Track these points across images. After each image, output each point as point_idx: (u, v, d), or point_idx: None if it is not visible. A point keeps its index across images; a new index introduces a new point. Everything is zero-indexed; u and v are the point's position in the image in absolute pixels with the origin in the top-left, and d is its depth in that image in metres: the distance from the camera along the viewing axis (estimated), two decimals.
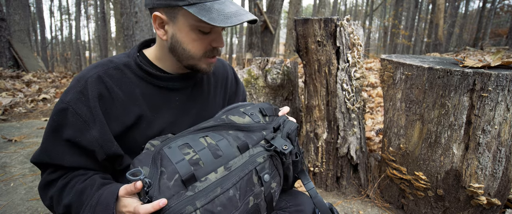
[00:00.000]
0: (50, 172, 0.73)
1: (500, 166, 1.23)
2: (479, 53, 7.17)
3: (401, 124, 1.46)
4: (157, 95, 0.81)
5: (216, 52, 0.81)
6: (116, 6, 13.01)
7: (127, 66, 0.79)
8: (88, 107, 0.71)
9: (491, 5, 15.22)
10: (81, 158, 0.73)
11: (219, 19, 0.69)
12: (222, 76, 1.01)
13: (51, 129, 0.72)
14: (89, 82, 0.73)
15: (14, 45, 6.46)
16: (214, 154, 0.66)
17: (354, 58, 1.60)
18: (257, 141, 0.74)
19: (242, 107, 0.85)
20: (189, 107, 0.88)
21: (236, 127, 0.76)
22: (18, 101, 4.00)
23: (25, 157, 2.22)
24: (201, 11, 0.69)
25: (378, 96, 3.68)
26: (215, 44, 0.78)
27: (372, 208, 1.59)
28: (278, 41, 24.99)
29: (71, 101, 0.71)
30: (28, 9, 8.73)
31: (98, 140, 0.71)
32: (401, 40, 16.83)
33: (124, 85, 0.77)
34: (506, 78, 1.13)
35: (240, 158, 0.69)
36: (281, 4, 7.53)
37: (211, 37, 0.77)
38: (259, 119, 0.81)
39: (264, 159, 0.71)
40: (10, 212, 1.51)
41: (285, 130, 0.81)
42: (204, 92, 0.92)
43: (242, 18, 0.71)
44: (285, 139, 0.78)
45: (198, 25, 0.72)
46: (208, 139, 0.69)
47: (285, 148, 0.73)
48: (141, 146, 0.80)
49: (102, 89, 0.74)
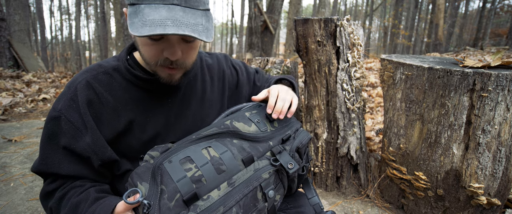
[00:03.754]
0: (49, 182, 0.72)
1: (500, 166, 1.23)
2: (479, 53, 7.17)
3: (401, 124, 1.46)
4: (147, 99, 0.79)
5: (171, 63, 0.70)
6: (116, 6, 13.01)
7: (116, 70, 0.77)
8: (79, 114, 0.70)
9: (491, 5, 15.22)
10: (77, 166, 0.72)
11: (136, 26, 0.60)
12: (217, 70, 0.97)
13: (46, 137, 0.71)
14: (78, 88, 0.72)
15: (14, 45, 6.45)
16: (217, 169, 0.62)
17: (354, 58, 1.60)
18: (263, 153, 0.70)
19: (247, 110, 0.80)
20: (183, 108, 0.85)
21: (241, 135, 0.71)
22: (18, 101, 4.00)
23: (25, 157, 2.22)
24: (131, 14, 0.62)
25: (378, 96, 3.68)
26: (166, 54, 0.68)
27: (372, 208, 1.59)
28: (278, 41, 24.98)
29: (63, 109, 0.70)
30: (28, 9, 8.73)
31: (91, 146, 0.70)
32: (401, 40, 16.82)
33: (113, 90, 0.75)
34: (506, 78, 1.13)
35: (245, 172, 0.65)
36: (281, 4, 7.53)
37: (162, 46, 0.67)
38: (266, 127, 0.76)
39: (269, 174, 0.67)
40: (10, 212, 1.51)
41: (295, 143, 0.75)
42: (197, 91, 0.89)
43: (157, 30, 0.58)
44: (294, 153, 0.74)
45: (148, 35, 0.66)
46: (211, 151, 0.65)
47: (290, 167, 0.68)
48: (137, 151, 0.78)
49: (91, 95, 0.72)
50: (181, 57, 0.70)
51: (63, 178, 0.72)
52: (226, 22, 33.00)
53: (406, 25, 18.95)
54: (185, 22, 0.61)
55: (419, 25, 19.67)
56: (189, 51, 0.72)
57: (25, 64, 6.50)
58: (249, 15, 7.48)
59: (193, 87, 0.88)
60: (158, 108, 0.80)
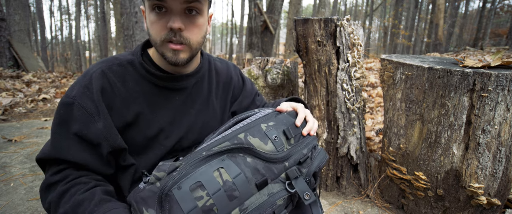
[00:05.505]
0: (53, 173, 0.71)
1: (500, 166, 1.23)
2: (479, 53, 7.17)
3: (401, 124, 1.46)
4: (157, 94, 0.81)
5: (174, 35, 0.72)
6: (116, 6, 13.01)
7: (130, 64, 0.80)
8: (93, 101, 0.72)
9: (491, 5, 15.22)
10: (86, 154, 0.72)
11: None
12: (225, 77, 0.99)
13: (57, 123, 0.72)
14: (93, 77, 0.74)
15: (14, 45, 6.46)
16: (230, 196, 0.58)
17: (354, 58, 1.60)
18: (278, 175, 0.66)
19: (263, 121, 0.74)
20: (188, 106, 0.87)
21: (256, 154, 0.66)
22: (18, 101, 4.00)
23: (25, 157, 2.22)
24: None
25: (378, 96, 3.68)
26: (169, 24, 0.71)
27: (372, 208, 1.59)
28: (278, 41, 24.99)
29: (76, 96, 0.72)
30: (28, 9, 8.74)
31: (103, 132, 0.71)
32: (401, 40, 16.83)
33: (126, 82, 0.78)
34: (506, 78, 1.13)
35: (258, 196, 0.62)
36: (281, 4, 7.53)
37: (166, 18, 0.72)
38: (283, 144, 0.70)
39: (284, 200, 0.65)
40: (10, 212, 1.51)
41: (313, 168, 0.70)
42: (203, 92, 0.91)
43: None
44: (310, 178, 0.69)
45: (152, 3, 0.70)
46: (223, 173, 0.60)
47: (307, 198, 0.64)
48: (141, 146, 0.79)
49: (105, 83, 0.75)
50: (185, 31, 0.73)
51: (70, 166, 0.72)
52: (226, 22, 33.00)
53: (406, 25, 18.95)
54: None
55: (419, 25, 19.68)
56: (192, 28, 0.74)
57: (25, 64, 6.50)
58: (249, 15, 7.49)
59: (200, 87, 0.90)
60: (165, 104, 0.83)
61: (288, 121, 0.75)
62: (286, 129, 0.72)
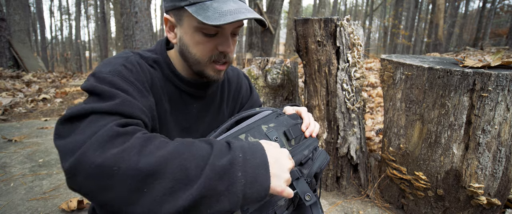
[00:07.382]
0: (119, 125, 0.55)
1: (500, 166, 1.23)
2: (479, 53, 7.17)
3: (401, 124, 1.46)
4: (178, 98, 0.80)
5: (224, 57, 0.74)
6: (116, 6, 13.02)
7: (156, 62, 0.78)
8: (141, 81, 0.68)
9: (491, 5, 15.22)
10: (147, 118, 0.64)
11: (213, 18, 0.64)
12: (235, 86, 0.99)
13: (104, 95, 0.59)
14: (131, 60, 0.70)
15: (14, 45, 6.46)
16: None
17: (354, 58, 1.60)
18: None
19: (264, 122, 0.74)
20: (203, 115, 0.87)
21: None
22: (18, 101, 4.00)
23: (25, 157, 2.22)
24: (198, 10, 0.66)
25: (378, 96, 3.68)
26: (221, 48, 0.72)
27: (372, 208, 1.59)
28: (278, 41, 24.99)
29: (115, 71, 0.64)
30: (28, 9, 8.73)
31: (148, 108, 0.67)
32: (401, 40, 16.83)
33: (154, 80, 0.75)
34: (506, 78, 1.13)
35: None
36: (281, 4, 7.53)
37: (217, 41, 0.72)
38: (283, 145, 0.71)
39: (285, 201, 0.66)
40: (10, 212, 1.51)
41: (314, 169, 0.71)
42: (217, 100, 0.91)
43: (239, 16, 0.64)
44: (311, 178, 0.70)
45: (200, 26, 0.69)
46: None
47: (307, 199, 0.63)
48: None
49: (143, 66, 0.72)
50: (231, 51, 0.75)
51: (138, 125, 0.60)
52: None
53: (406, 25, 18.96)
54: (251, 11, 0.68)
55: (419, 25, 19.68)
56: (233, 48, 0.77)
57: (25, 64, 6.50)
58: None
59: (214, 96, 0.90)
60: (184, 110, 0.82)
61: (289, 123, 0.75)
62: (287, 130, 0.72)
